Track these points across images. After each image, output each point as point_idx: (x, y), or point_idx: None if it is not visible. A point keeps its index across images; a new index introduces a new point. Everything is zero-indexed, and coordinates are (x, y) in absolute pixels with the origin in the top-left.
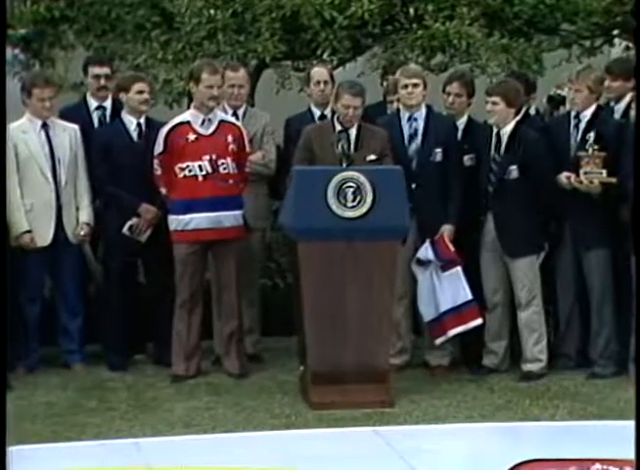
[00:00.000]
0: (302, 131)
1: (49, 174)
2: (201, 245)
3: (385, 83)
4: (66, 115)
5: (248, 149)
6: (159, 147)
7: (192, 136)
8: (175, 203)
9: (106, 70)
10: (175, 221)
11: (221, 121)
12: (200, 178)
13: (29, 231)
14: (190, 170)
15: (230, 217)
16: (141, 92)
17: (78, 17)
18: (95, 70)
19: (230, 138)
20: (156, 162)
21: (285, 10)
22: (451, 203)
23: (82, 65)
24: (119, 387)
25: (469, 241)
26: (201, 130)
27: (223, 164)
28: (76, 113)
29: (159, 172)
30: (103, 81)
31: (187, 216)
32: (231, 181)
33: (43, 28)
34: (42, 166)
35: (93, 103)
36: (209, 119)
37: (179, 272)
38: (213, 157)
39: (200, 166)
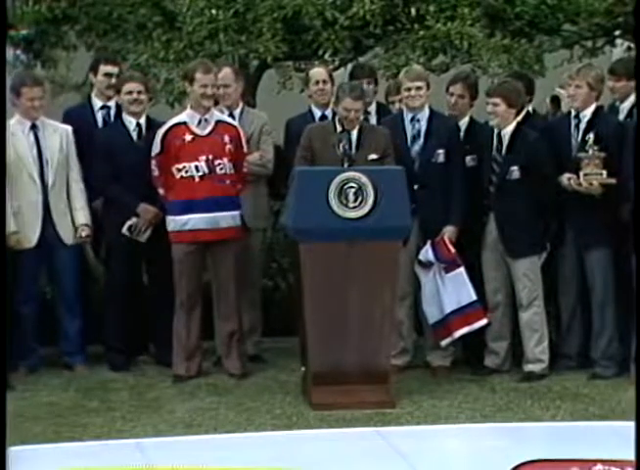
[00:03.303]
0: (304, 130)
1: (36, 176)
2: (198, 245)
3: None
4: (70, 115)
5: (245, 149)
6: (156, 148)
7: (188, 137)
8: (173, 203)
9: (117, 69)
10: (173, 222)
11: (218, 122)
12: (196, 179)
13: (16, 232)
14: (187, 171)
15: (227, 218)
16: (130, 93)
17: (80, 17)
18: (107, 68)
19: (227, 138)
20: (153, 162)
21: (286, 10)
22: (454, 204)
23: (92, 63)
24: (121, 387)
25: (471, 241)
26: (197, 131)
27: (220, 164)
28: (81, 113)
29: (156, 173)
30: (113, 80)
31: (184, 217)
32: (228, 182)
33: (45, 28)
34: (29, 168)
35: (98, 103)
36: (206, 120)
37: (177, 273)
38: (210, 157)
39: (196, 167)
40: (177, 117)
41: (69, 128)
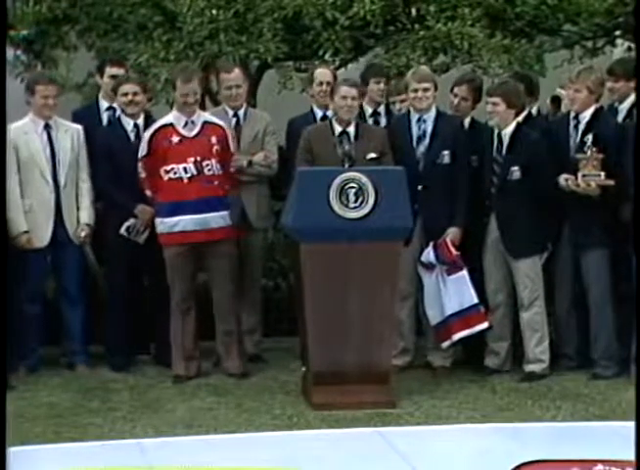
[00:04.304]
0: (301, 133)
1: (49, 176)
2: (189, 246)
3: None
4: (78, 115)
5: (232, 149)
6: (142, 150)
7: (175, 138)
8: (162, 205)
9: (122, 71)
10: (162, 224)
11: (205, 122)
12: (185, 180)
13: (27, 232)
14: (175, 173)
15: (217, 218)
16: (125, 94)
17: (80, 17)
18: (113, 70)
19: (214, 139)
20: (140, 165)
21: (287, 10)
22: (458, 205)
23: (98, 65)
24: (122, 387)
25: (473, 242)
26: (184, 132)
27: (208, 165)
28: (88, 114)
29: (143, 175)
30: None
31: (174, 219)
32: (216, 182)
33: (45, 29)
34: (42, 168)
35: (104, 104)
36: (192, 121)
37: (170, 275)
38: (198, 158)
39: (185, 169)
40: (164, 119)
41: (81, 128)
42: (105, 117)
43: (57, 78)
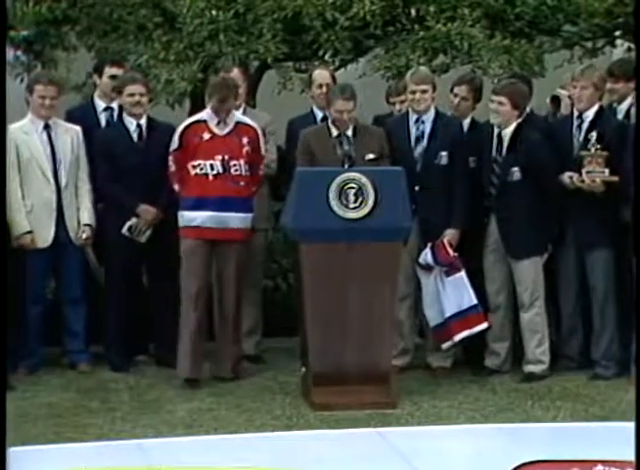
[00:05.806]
0: (300, 135)
1: (50, 175)
2: (205, 243)
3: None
4: (72, 115)
5: (263, 151)
6: (174, 144)
7: (206, 135)
8: (185, 199)
9: (122, 71)
10: (182, 218)
11: (238, 123)
12: (210, 177)
13: (30, 232)
14: (201, 169)
15: (236, 219)
16: (132, 95)
17: (80, 17)
18: (112, 70)
19: (245, 140)
20: (170, 158)
21: (287, 11)
22: (456, 207)
23: (96, 65)
24: (121, 388)
25: (473, 243)
26: (216, 130)
27: (235, 165)
28: (83, 113)
29: (172, 169)
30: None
31: (194, 213)
32: (242, 183)
33: (45, 29)
34: (43, 168)
35: (101, 104)
36: (225, 120)
37: (184, 270)
38: (226, 157)
39: (211, 166)
40: (198, 115)
41: (79, 129)
42: (102, 117)
43: (57, 79)
